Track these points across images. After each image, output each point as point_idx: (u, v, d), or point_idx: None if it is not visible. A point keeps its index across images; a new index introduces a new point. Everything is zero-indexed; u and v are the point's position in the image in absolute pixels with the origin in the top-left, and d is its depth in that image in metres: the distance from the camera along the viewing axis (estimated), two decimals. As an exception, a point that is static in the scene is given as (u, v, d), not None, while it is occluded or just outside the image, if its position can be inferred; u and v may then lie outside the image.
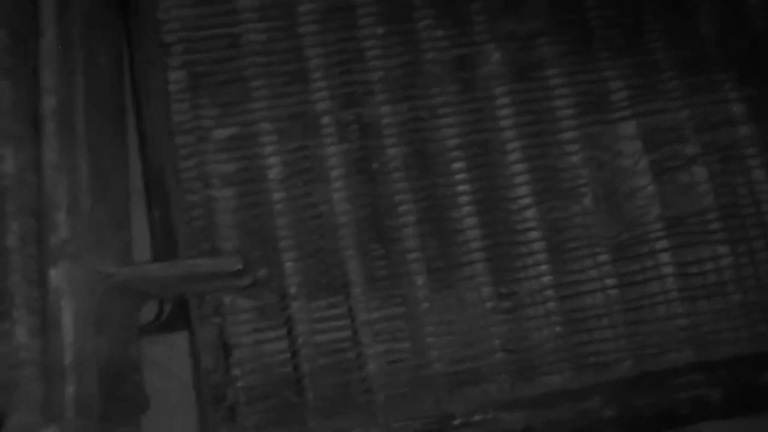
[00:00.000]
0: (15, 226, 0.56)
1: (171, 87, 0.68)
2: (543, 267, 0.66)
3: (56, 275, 0.55)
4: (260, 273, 0.65)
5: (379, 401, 0.63)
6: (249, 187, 0.66)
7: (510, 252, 0.66)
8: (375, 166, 0.67)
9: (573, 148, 0.67)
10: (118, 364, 0.59)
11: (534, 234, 0.66)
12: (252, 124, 0.67)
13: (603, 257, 0.66)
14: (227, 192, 0.66)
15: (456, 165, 0.67)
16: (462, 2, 0.69)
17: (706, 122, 0.68)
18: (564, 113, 0.68)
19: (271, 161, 0.67)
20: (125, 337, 0.62)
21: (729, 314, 0.65)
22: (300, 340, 0.64)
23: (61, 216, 0.56)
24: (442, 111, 0.68)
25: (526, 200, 0.67)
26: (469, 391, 0.64)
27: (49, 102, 0.57)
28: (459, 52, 0.69)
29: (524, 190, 0.67)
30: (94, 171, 0.59)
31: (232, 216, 0.66)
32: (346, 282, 0.65)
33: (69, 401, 0.52)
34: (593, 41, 0.69)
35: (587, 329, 0.65)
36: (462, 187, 0.67)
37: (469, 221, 0.66)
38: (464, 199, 0.66)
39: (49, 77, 0.58)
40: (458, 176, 0.67)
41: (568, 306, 0.65)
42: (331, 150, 0.67)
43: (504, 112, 0.68)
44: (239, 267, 0.57)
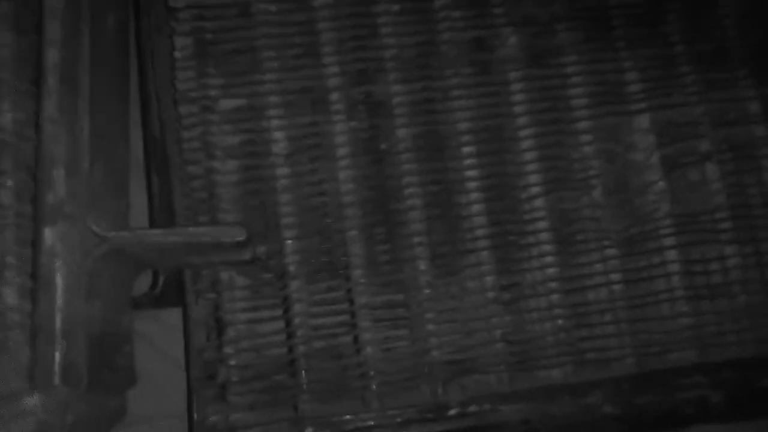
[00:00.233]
0: (10, 183, 0.54)
1: (177, 54, 0.65)
2: (548, 258, 0.63)
3: (51, 235, 0.51)
4: (260, 250, 0.62)
5: (374, 387, 0.61)
6: (252, 161, 0.64)
7: (516, 241, 0.63)
8: (383, 147, 0.64)
9: (586, 139, 0.65)
10: (110, 333, 0.56)
11: (542, 224, 0.64)
12: (259, 97, 0.65)
13: (610, 251, 0.64)
14: (230, 165, 0.64)
15: (466, 149, 0.64)
16: (480, -17, 0.67)
17: (722, 119, 0.66)
18: (579, 102, 0.66)
19: (277, 135, 0.64)
20: (118, 306, 0.58)
21: (733, 316, 0.63)
22: (296, 321, 0.61)
23: (60, 173, 0.52)
24: (456, 93, 0.65)
25: (536, 189, 0.64)
26: (467, 382, 0.61)
27: (53, 55, 0.54)
28: (476, 34, 0.67)
29: (534, 179, 0.64)
30: (96, 131, 0.56)
31: (234, 189, 0.63)
32: (347, 264, 0.63)
33: (57, 368, 0.49)
34: (612, 30, 0.67)
35: (590, 324, 0.63)
36: (471, 173, 0.64)
37: (477, 208, 0.64)
38: (473, 185, 0.64)
39: (53, 30, 0.55)
40: (468, 161, 0.64)
41: (572, 300, 0.63)
42: (340, 127, 0.64)
43: (518, 98, 0.65)
44: (242, 238, 0.53)
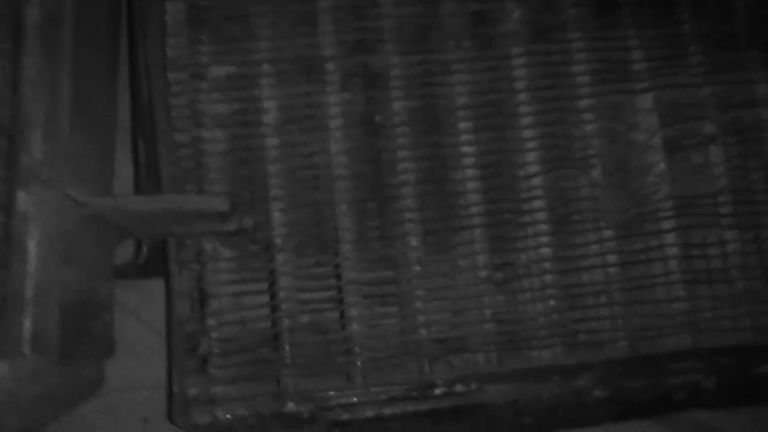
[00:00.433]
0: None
1: (168, 18, 0.62)
2: (544, 238, 0.61)
3: (24, 199, 0.48)
4: (246, 221, 0.59)
5: (359, 364, 0.58)
6: (242, 130, 0.61)
7: (512, 220, 0.60)
8: (378, 119, 0.61)
9: (588, 117, 0.62)
10: (87, 301, 0.53)
11: (538, 203, 0.61)
12: (251, 65, 0.61)
13: (607, 233, 0.61)
14: (218, 134, 0.61)
15: (464, 125, 0.61)
16: (484, -45, 0.64)
17: (728, 101, 0.63)
18: (582, 80, 0.63)
19: (268, 105, 0.61)
20: (98, 274, 0.55)
21: (731, 302, 0.60)
22: (282, 295, 0.59)
23: (37, 136, 0.49)
24: (455, 67, 0.62)
25: (534, 167, 0.61)
26: (455, 360, 0.59)
27: (33, 12, 0.50)
28: (478, 7, 0.63)
29: (533, 157, 0.61)
30: (78, 94, 0.53)
31: (222, 159, 0.60)
32: (336, 238, 0.60)
33: (26, 336, 0.46)
34: (619, 7, 0.64)
35: (583, 306, 0.60)
36: (468, 148, 0.61)
37: (472, 185, 0.61)
38: (469, 161, 0.61)
39: (33, -14, 0.50)
40: (465, 137, 0.61)
41: (566, 281, 0.60)
42: (333, 98, 0.61)
43: (519, 73, 0.62)
44: (225, 208, 0.50)
